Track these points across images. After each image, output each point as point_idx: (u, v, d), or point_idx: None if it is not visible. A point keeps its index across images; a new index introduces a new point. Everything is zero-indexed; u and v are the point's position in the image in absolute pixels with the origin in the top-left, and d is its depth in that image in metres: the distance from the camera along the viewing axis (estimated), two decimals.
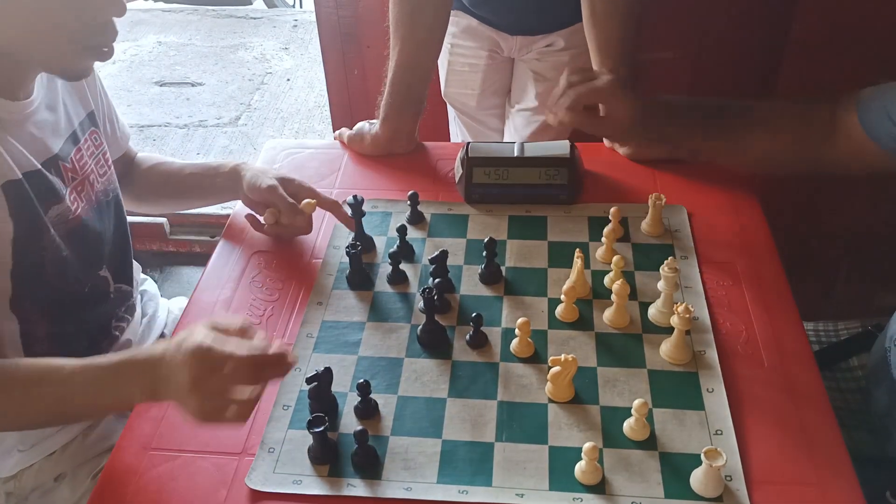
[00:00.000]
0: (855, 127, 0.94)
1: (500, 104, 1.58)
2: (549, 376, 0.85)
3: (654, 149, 1.19)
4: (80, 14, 0.82)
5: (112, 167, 1.07)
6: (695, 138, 1.08)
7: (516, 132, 1.53)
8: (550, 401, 0.85)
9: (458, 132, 1.65)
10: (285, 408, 0.86)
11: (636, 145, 1.21)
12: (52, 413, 0.82)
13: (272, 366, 0.74)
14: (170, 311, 1.24)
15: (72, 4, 0.81)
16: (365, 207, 1.06)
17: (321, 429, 0.77)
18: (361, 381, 0.83)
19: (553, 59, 1.43)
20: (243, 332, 0.76)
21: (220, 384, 0.72)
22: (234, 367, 0.72)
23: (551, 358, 0.83)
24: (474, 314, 0.91)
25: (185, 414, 0.74)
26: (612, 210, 1.04)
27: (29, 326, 0.94)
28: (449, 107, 1.63)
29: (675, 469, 0.78)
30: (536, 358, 0.90)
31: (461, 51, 1.48)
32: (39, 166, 0.90)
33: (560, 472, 0.78)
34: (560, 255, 1.04)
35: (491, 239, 0.99)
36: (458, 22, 1.45)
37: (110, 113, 1.11)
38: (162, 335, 1.20)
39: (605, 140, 1.26)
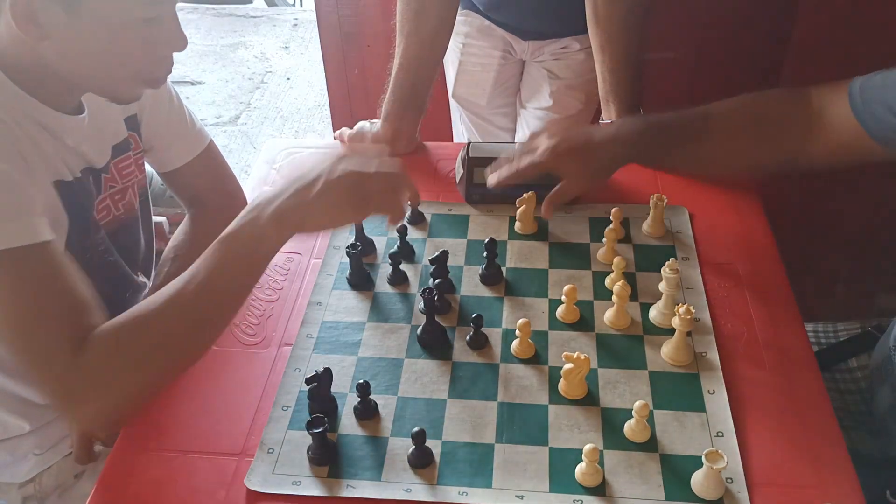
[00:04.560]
0: (844, 119, 0.91)
1: (510, 103, 1.58)
2: (562, 371, 0.85)
3: None
4: (148, 51, 0.83)
5: (145, 171, 1.06)
6: (655, 162, 1.07)
7: (530, 131, 1.53)
8: (552, 401, 0.85)
9: (463, 132, 1.65)
10: (284, 408, 0.85)
11: None
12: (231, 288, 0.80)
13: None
14: None
15: (143, 42, 0.81)
16: None
17: (321, 430, 0.77)
18: (361, 381, 0.83)
19: (569, 59, 1.43)
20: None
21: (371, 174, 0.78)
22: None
23: (565, 354, 0.83)
24: (475, 315, 0.90)
25: (331, 199, 0.77)
26: (614, 211, 1.04)
27: None
28: (453, 107, 1.63)
29: (676, 471, 0.78)
30: (537, 359, 0.90)
31: (474, 50, 1.48)
32: (80, 174, 0.91)
33: (560, 473, 0.78)
34: (561, 256, 1.04)
35: (491, 239, 0.99)
36: (471, 22, 1.45)
37: (171, 110, 1.06)
38: None
39: None
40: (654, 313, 0.94)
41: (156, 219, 2.32)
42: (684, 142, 1.01)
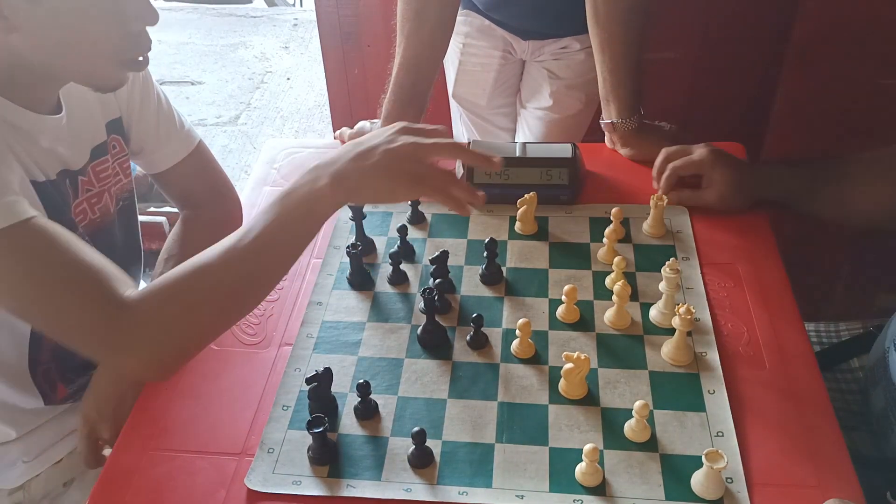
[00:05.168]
0: None
1: (510, 103, 1.58)
2: (562, 371, 0.85)
3: (657, 150, 1.18)
4: (119, 28, 0.81)
5: (131, 175, 1.05)
6: (799, 201, 1.07)
7: (530, 131, 1.53)
8: (552, 401, 0.85)
9: (463, 132, 1.65)
10: (285, 408, 0.85)
11: (638, 146, 1.20)
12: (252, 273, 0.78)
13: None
14: None
15: (112, 19, 0.80)
16: (365, 208, 1.06)
17: (321, 429, 0.77)
18: (361, 381, 0.83)
19: (569, 59, 1.43)
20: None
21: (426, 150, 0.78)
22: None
23: (565, 353, 0.83)
24: (475, 315, 0.90)
25: (386, 180, 0.77)
26: (614, 211, 1.04)
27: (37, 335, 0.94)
28: (453, 106, 1.63)
29: (676, 471, 0.78)
30: (537, 359, 0.90)
31: (474, 50, 1.48)
32: (55, 177, 0.90)
33: (560, 473, 0.78)
34: (561, 256, 1.04)
35: (492, 239, 0.99)
36: (471, 22, 1.45)
37: (160, 112, 1.06)
38: None
39: (606, 140, 1.26)
40: (654, 313, 0.94)
41: (156, 219, 2.33)
42: (828, 183, 1.04)
